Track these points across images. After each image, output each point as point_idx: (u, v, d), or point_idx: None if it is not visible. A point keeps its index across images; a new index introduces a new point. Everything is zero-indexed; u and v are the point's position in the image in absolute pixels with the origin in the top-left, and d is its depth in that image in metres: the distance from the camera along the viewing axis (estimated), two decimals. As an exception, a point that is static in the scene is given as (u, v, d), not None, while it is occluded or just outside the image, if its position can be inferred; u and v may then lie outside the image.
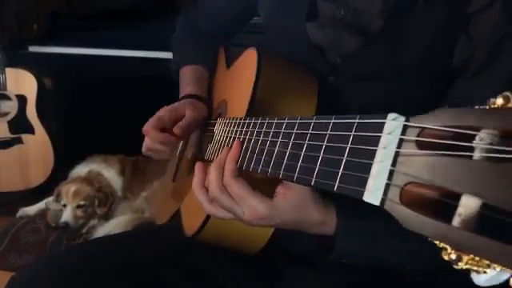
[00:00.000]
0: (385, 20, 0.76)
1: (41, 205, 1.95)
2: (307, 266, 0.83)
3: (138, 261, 0.82)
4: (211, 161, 0.81)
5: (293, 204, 0.62)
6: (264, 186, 0.63)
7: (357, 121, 0.41)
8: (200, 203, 0.69)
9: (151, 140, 0.92)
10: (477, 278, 0.31)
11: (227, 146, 0.74)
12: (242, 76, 0.89)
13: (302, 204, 0.63)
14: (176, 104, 0.98)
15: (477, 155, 0.30)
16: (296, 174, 0.50)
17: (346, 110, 0.82)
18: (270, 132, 0.60)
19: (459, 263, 0.31)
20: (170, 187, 1.20)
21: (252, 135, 0.64)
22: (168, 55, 1.23)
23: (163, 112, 0.94)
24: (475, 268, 0.30)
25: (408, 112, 0.37)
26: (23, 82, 2.01)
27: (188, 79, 1.08)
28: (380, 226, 0.67)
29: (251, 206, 0.61)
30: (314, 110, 0.77)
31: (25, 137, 2.03)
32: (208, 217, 0.75)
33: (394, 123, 0.36)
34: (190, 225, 0.83)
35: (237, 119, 0.73)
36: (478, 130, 0.30)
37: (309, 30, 0.84)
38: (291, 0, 0.89)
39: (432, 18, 0.72)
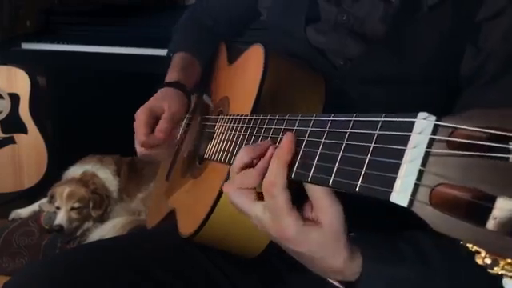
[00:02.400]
0: (387, 27, 0.76)
1: (34, 207, 1.94)
2: (309, 273, 0.83)
3: (133, 265, 0.82)
4: (212, 159, 0.81)
5: (324, 236, 0.54)
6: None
7: (382, 119, 0.41)
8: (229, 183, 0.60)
9: (150, 146, 0.95)
10: (510, 285, 0.31)
11: (231, 143, 0.73)
12: (246, 73, 0.89)
13: (332, 239, 0.55)
14: (152, 103, 0.99)
15: (513, 158, 0.29)
16: (311, 173, 0.49)
17: (354, 111, 0.82)
18: (280, 129, 0.58)
19: (495, 268, 0.31)
20: (163, 187, 1.20)
21: (260, 132, 0.63)
22: (166, 53, 1.22)
23: (144, 116, 0.95)
24: (511, 274, 0.30)
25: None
26: (16, 80, 2.00)
27: (174, 64, 1.10)
28: (408, 274, 0.61)
29: (283, 223, 0.54)
30: (322, 111, 0.77)
31: (17, 136, 2.02)
32: (206, 218, 0.75)
33: (424, 122, 0.36)
34: (187, 225, 0.83)
35: (242, 115, 0.72)
36: (513, 132, 0.30)
37: (308, 34, 0.85)
38: (291, 2, 0.89)
39: (437, 26, 0.72)
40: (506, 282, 0.31)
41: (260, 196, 0.56)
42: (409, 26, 0.74)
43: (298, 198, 0.55)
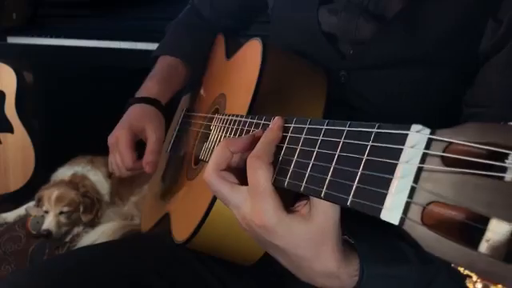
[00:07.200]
0: (403, 4, 0.77)
1: (20, 211, 1.94)
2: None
3: (124, 272, 0.83)
4: (206, 161, 0.81)
5: (310, 232, 0.51)
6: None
7: (375, 130, 0.40)
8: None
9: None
10: (501, 312, 0.31)
11: None
12: (243, 69, 0.89)
13: (320, 238, 0.52)
14: (131, 122, 1.00)
15: (509, 176, 0.29)
16: (304, 184, 0.49)
17: (359, 106, 0.83)
18: None
19: (486, 294, 0.31)
20: (157, 188, 1.20)
21: None
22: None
23: (125, 139, 0.98)
24: (502, 301, 0.30)
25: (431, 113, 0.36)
26: (1, 77, 2.01)
27: (157, 72, 1.10)
28: (411, 273, 0.62)
29: (263, 206, 0.51)
30: (323, 107, 0.78)
31: (3, 136, 2.03)
32: (200, 225, 0.75)
33: (417, 136, 0.35)
34: (180, 231, 0.83)
35: (237, 116, 0.73)
36: (511, 149, 0.30)
37: (321, 16, 0.86)
38: None
39: (456, 1, 0.73)
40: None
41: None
42: (427, 2, 0.75)
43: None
